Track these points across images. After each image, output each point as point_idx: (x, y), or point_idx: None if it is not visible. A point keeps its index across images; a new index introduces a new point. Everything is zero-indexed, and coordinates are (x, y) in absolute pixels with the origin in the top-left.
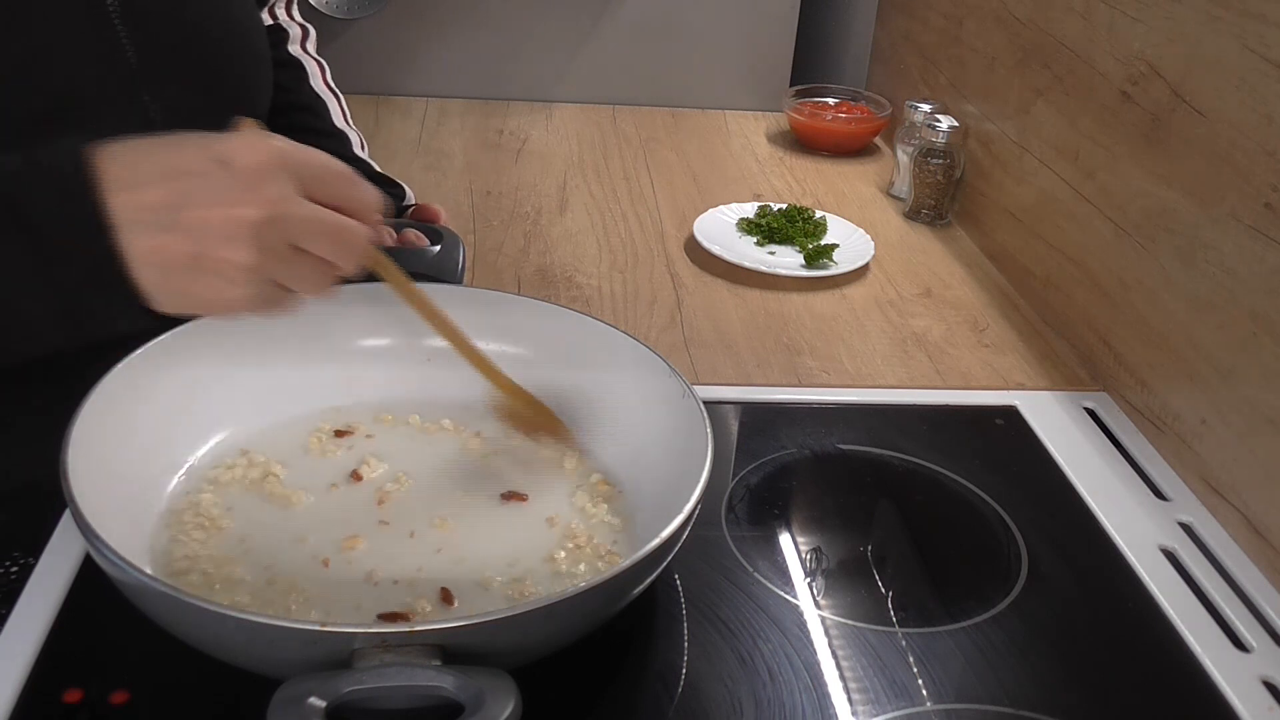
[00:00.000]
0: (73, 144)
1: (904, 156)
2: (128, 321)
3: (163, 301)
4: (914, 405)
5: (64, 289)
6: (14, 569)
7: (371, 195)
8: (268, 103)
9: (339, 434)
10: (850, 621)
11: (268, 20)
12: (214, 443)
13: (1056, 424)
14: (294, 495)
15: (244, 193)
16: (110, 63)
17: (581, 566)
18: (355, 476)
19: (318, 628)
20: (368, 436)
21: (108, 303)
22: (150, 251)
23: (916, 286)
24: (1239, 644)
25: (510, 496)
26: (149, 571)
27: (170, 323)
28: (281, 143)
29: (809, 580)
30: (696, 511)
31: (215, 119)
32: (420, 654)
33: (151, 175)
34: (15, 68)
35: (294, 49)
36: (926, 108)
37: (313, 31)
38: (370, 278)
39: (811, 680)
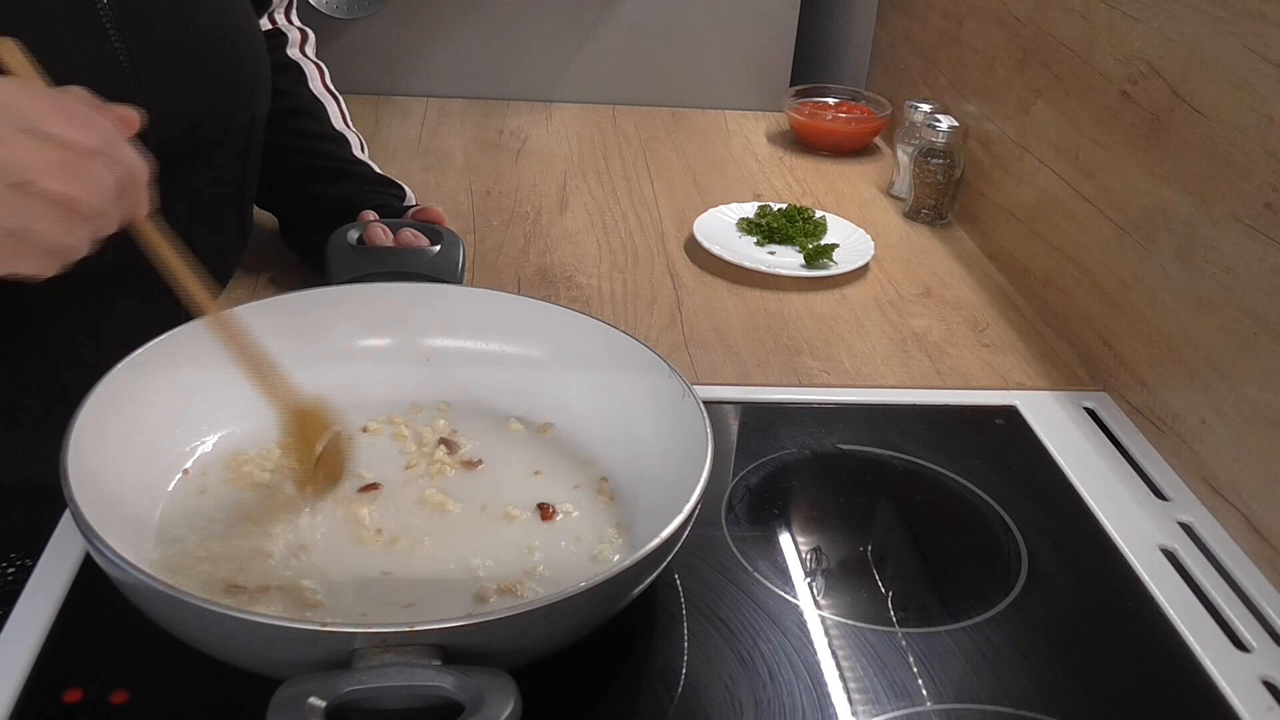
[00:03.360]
0: None
1: (904, 156)
2: None
3: None
4: (914, 405)
5: None
6: (10, 570)
7: (130, 153)
8: (266, 105)
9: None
10: (850, 621)
11: (267, 25)
12: (214, 443)
13: (1056, 424)
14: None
15: None
16: (102, 67)
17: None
18: (358, 476)
19: (318, 628)
20: (371, 435)
21: None
22: None
23: (916, 286)
24: (1239, 644)
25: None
26: (149, 571)
27: (168, 324)
28: (15, 84)
29: (809, 580)
30: (696, 511)
31: (209, 122)
32: (420, 654)
33: None
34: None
35: (293, 52)
36: (926, 108)
37: (311, 35)
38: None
39: (811, 680)
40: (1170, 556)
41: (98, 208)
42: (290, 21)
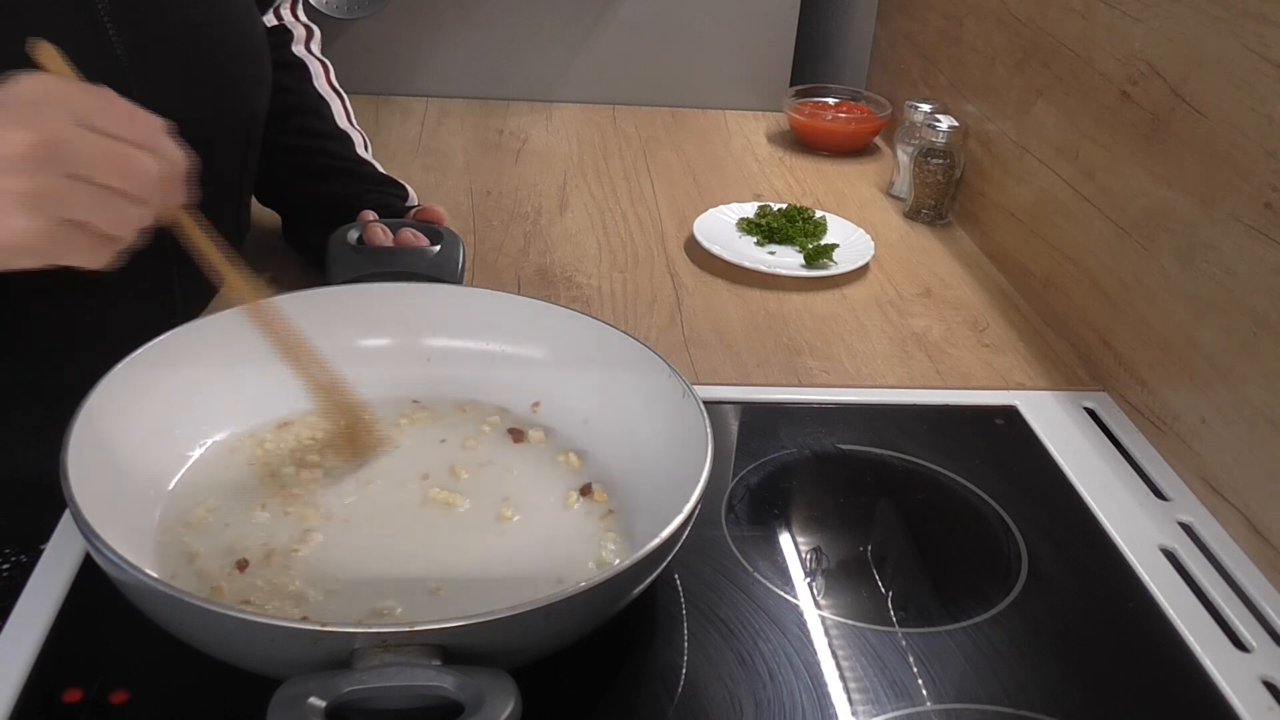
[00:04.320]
0: None
1: (904, 156)
2: None
3: None
4: (914, 405)
5: None
6: (5, 566)
7: (171, 145)
8: (266, 100)
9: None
10: (850, 621)
11: (272, 21)
12: (214, 442)
13: (1056, 424)
14: (294, 494)
15: (17, 121)
16: (99, 61)
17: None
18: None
19: (318, 628)
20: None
21: None
22: None
23: (916, 286)
24: (1239, 644)
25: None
26: (149, 571)
27: (168, 322)
28: (63, 80)
29: (809, 580)
30: (696, 511)
31: (207, 117)
32: (420, 654)
33: None
34: (1, 66)
35: (298, 49)
36: (926, 108)
37: (317, 32)
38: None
39: (811, 680)
40: (1170, 556)
41: (144, 197)
42: (296, 18)
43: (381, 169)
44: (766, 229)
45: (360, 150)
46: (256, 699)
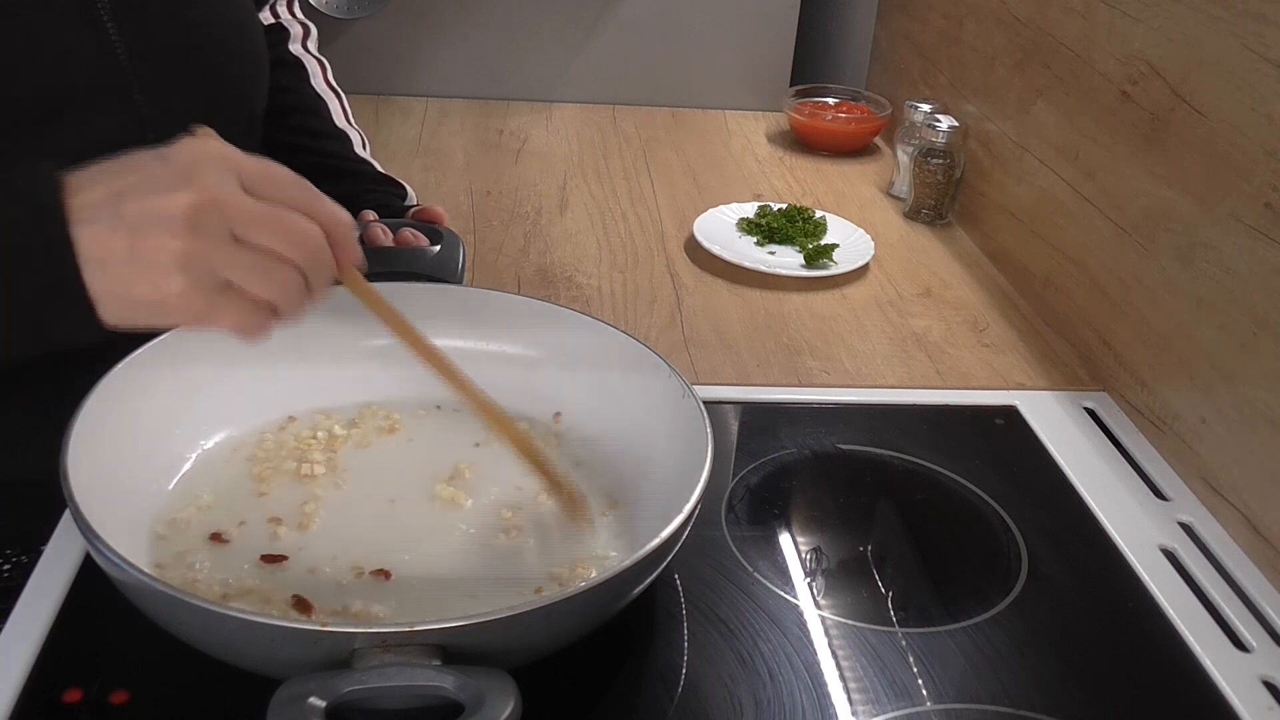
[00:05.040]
0: (47, 168)
1: (904, 156)
2: (88, 334)
3: (110, 308)
4: (914, 405)
5: (26, 303)
6: (6, 567)
7: (334, 207)
8: (264, 100)
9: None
10: (850, 621)
11: (269, 19)
12: (214, 442)
13: (1056, 424)
14: (294, 493)
15: (179, 181)
16: (101, 62)
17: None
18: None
19: (318, 628)
20: (368, 437)
21: (67, 316)
22: (90, 247)
23: (916, 286)
24: (1239, 644)
25: None
26: (149, 571)
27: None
28: (224, 146)
29: (809, 580)
30: (696, 511)
31: (210, 117)
32: (420, 654)
33: (101, 179)
34: (4, 67)
35: (295, 48)
36: (926, 108)
37: (314, 30)
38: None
39: (811, 680)
40: (1170, 556)
41: (303, 263)
42: (293, 16)
43: (380, 168)
44: (766, 229)
45: (358, 149)
46: (256, 699)
